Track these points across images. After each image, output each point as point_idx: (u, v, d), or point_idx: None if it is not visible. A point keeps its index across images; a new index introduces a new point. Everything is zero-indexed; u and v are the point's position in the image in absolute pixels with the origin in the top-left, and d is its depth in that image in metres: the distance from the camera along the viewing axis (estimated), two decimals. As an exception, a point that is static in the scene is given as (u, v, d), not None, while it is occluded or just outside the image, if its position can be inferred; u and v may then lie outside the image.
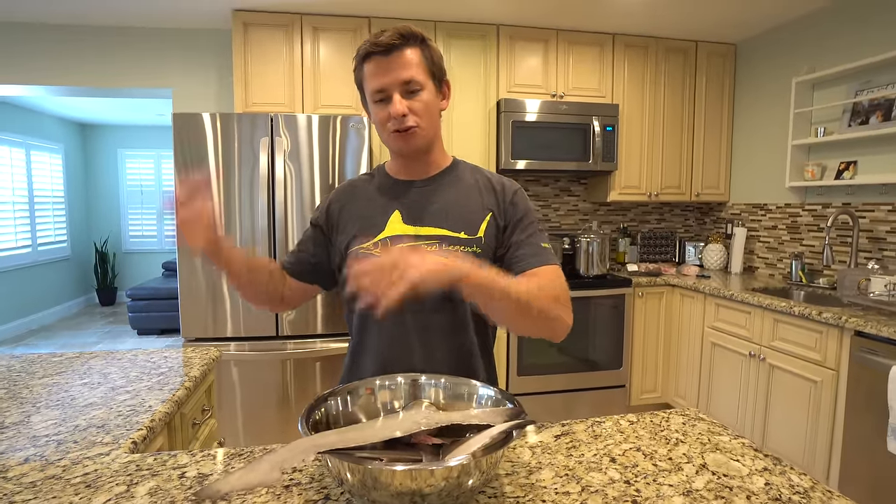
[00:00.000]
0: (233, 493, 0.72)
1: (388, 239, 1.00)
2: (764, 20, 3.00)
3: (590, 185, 3.54)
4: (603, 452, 0.85)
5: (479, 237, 1.00)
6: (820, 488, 0.74)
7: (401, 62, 0.93)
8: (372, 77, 0.95)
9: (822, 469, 2.11)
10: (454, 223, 1.00)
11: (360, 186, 1.09)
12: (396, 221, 1.01)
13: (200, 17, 2.96)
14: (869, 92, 2.53)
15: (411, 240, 0.99)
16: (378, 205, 1.04)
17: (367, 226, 1.02)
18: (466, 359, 1.03)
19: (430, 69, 0.97)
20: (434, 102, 0.98)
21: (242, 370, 2.45)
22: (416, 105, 0.95)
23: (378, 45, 0.93)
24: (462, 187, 1.05)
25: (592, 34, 3.17)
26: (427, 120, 0.97)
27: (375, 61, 0.94)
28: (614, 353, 3.01)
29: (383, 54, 0.93)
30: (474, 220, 1.01)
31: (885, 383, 1.81)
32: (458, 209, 1.02)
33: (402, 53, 0.93)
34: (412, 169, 1.05)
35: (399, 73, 0.93)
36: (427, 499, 0.62)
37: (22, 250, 5.38)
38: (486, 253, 1.01)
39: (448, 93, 1.04)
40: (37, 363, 1.36)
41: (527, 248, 1.00)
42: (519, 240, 1.01)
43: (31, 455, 0.85)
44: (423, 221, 1.01)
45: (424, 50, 0.97)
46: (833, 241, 2.73)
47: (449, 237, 0.99)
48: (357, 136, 2.49)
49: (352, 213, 1.06)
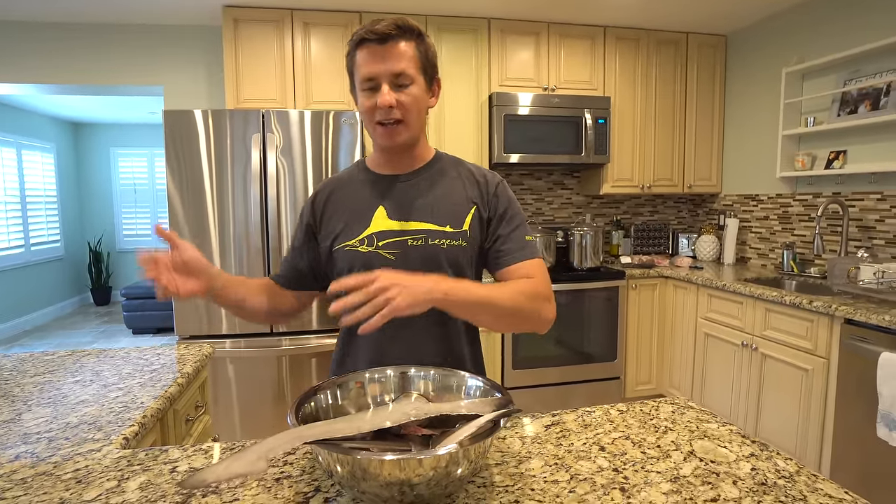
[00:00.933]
0: (219, 483, 0.73)
1: (374, 235, 1.00)
2: (754, 11, 3.01)
3: (583, 178, 3.55)
4: (592, 441, 0.86)
5: (464, 230, 1.01)
6: (805, 472, 0.76)
7: (394, 53, 0.93)
8: (363, 64, 0.94)
9: (814, 456, 2.13)
10: (439, 217, 1.01)
11: (343, 182, 1.09)
12: (381, 217, 1.01)
13: (190, 14, 2.94)
14: (857, 81, 2.54)
15: (397, 235, 0.99)
16: (362, 200, 1.04)
17: (352, 222, 1.02)
18: (456, 348, 1.04)
19: (422, 64, 0.96)
20: (423, 98, 0.98)
21: (238, 367, 2.45)
22: (404, 98, 0.94)
23: (374, 33, 0.92)
24: (446, 181, 1.05)
25: (584, 27, 3.16)
26: (413, 115, 0.97)
27: (369, 49, 0.93)
28: (608, 346, 3.03)
29: (378, 42, 0.92)
30: (459, 213, 1.02)
31: (874, 370, 1.83)
32: (443, 203, 1.02)
33: (396, 44, 0.93)
34: (395, 163, 1.05)
35: (391, 63, 0.92)
36: (416, 488, 0.62)
37: (15, 250, 5.35)
38: (472, 246, 1.02)
39: (438, 91, 1.03)
40: (28, 362, 1.36)
41: (511, 242, 1.02)
42: (503, 233, 1.03)
43: (21, 452, 0.85)
44: (408, 216, 1.01)
45: (420, 45, 0.96)
46: (823, 230, 2.74)
47: (434, 231, 1.00)
48: (350, 131, 2.49)
49: (336, 209, 1.05)
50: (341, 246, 1.01)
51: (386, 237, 1.00)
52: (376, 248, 0.99)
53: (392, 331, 0.98)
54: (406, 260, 0.98)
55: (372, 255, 0.99)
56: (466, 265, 1.03)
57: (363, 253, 0.99)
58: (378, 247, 0.99)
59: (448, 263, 1.00)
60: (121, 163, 6.74)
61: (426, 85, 0.98)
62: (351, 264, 1.00)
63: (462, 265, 1.02)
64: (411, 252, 0.99)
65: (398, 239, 0.99)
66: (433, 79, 1.01)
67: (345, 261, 1.01)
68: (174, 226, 2.37)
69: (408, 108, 0.95)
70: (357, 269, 0.99)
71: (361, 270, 0.97)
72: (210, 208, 2.39)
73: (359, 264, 0.99)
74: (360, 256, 1.00)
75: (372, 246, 0.99)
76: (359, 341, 1.02)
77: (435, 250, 0.99)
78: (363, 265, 0.98)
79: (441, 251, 0.99)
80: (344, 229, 1.02)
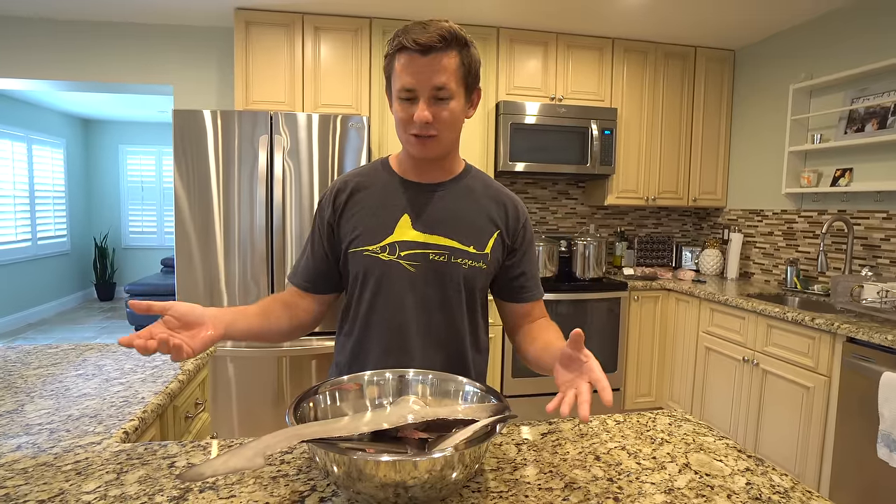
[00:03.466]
0: (217, 477, 0.73)
1: (397, 244, 0.98)
2: (763, 27, 3.02)
3: (587, 189, 3.56)
4: (588, 451, 0.86)
5: (485, 253, 1.01)
6: (800, 489, 0.76)
7: (436, 66, 0.88)
8: (403, 73, 0.89)
9: (814, 474, 2.12)
10: (464, 236, 1.00)
11: (365, 180, 1.03)
12: (406, 226, 0.98)
13: (203, 15, 2.98)
14: (865, 100, 2.54)
15: (420, 247, 0.98)
16: (386, 205, 1.00)
17: (374, 226, 0.99)
18: (461, 355, 1.05)
19: (464, 77, 0.92)
20: (461, 112, 0.94)
21: (238, 366, 2.46)
22: (442, 113, 0.90)
23: (417, 44, 0.86)
24: (472, 199, 1.03)
25: (592, 38, 3.18)
26: (450, 130, 0.94)
27: (410, 58, 0.88)
28: (609, 357, 3.02)
29: (420, 53, 0.87)
30: (483, 234, 1.01)
31: (875, 389, 1.82)
32: (468, 221, 1.01)
33: (439, 57, 0.87)
34: (424, 172, 1.02)
35: (432, 77, 0.88)
36: (411, 490, 0.63)
37: (22, 244, 5.39)
38: (491, 269, 1.03)
39: (477, 101, 0.99)
40: (32, 354, 1.38)
41: (531, 279, 1.08)
42: (526, 269, 1.07)
43: (23, 443, 0.86)
44: (432, 229, 0.99)
45: (464, 56, 0.91)
46: (828, 247, 2.74)
47: (458, 250, 0.99)
48: (357, 136, 2.51)
49: (358, 209, 1.01)
50: (360, 249, 0.99)
51: (408, 248, 0.98)
52: (398, 257, 0.97)
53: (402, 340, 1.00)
54: (425, 274, 0.98)
55: (392, 265, 0.97)
56: (480, 288, 1.04)
57: (384, 261, 0.97)
58: (399, 256, 0.97)
59: (464, 284, 1.00)
60: (129, 160, 6.80)
61: (465, 97, 0.94)
62: (368, 270, 0.98)
63: (476, 288, 1.02)
64: (431, 266, 0.98)
65: (420, 251, 0.98)
66: (474, 89, 0.96)
67: (362, 265, 0.99)
68: (180, 225, 2.39)
69: (445, 123, 0.92)
70: (375, 275, 0.98)
71: (379, 278, 0.98)
72: (216, 208, 2.41)
73: (378, 272, 0.98)
74: (379, 264, 0.98)
75: (393, 255, 0.97)
76: (370, 345, 1.01)
77: (456, 269, 0.98)
78: (382, 273, 0.97)
79: (462, 271, 0.99)
80: (364, 232, 0.99)
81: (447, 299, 1.00)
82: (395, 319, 0.99)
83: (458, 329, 1.02)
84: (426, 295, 0.99)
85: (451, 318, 1.01)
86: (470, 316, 1.04)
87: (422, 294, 0.99)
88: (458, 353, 1.04)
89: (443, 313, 1.00)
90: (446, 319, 1.01)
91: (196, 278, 2.41)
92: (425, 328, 1.00)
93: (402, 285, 0.98)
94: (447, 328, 1.01)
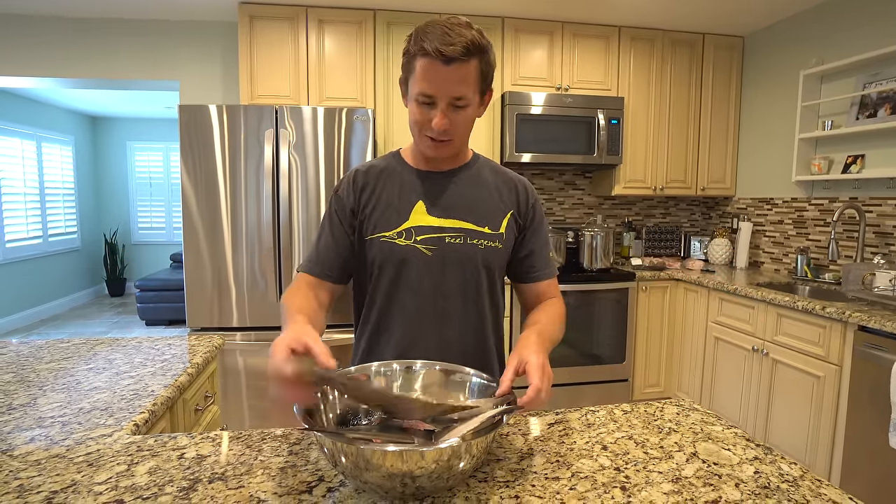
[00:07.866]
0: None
1: (413, 229, 1.00)
2: (772, 12, 2.97)
3: (595, 179, 3.53)
4: (595, 440, 0.86)
5: (500, 233, 1.03)
6: (809, 477, 0.75)
7: (457, 77, 0.89)
8: (423, 79, 0.89)
9: (825, 464, 2.11)
10: (478, 217, 1.02)
11: (379, 170, 1.05)
12: (421, 212, 1.01)
13: (207, 9, 2.98)
14: (877, 84, 2.50)
15: (435, 231, 1.00)
16: (401, 193, 1.02)
17: (390, 212, 1.01)
18: (481, 342, 1.06)
19: (481, 84, 0.94)
20: (475, 114, 0.97)
21: (248, 359, 2.48)
22: (458, 119, 0.93)
23: (441, 54, 0.86)
24: (484, 182, 1.06)
25: (598, 27, 3.15)
26: (464, 131, 0.97)
27: (432, 64, 0.88)
28: (617, 348, 3.01)
29: (443, 62, 0.87)
30: (496, 215, 1.04)
31: (887, 378, 1.81)
32: (481, 204, 1.03)
33: (461, 68, 0.88)
34: (436, 163, 1.04)
35: (452, 87, 0.89)
36: (418, 480, 0.63)
37: (33, 241, 5.45)
38: (506, 250, 1.04)
39: (489, 100, 1.00)
40: (44, 349, 1.39)
41: (542, 258, 1.08)
42: (535, 248, 1.07)
43: (36, 435, 0.88)
44: (447, 213, 1.01)
45: (483, 63, 0.92)
46: (839, 235, 2.71)
47: (473, 231, 1.01)
48: (362, 128, 2.50)
49: (373, 197, 1.02)
50: (377, 236, 1.00)
51: (424, 232, 1.00)
52: (414, 241, 1.00)
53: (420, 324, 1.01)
54: (443, 257, 0.99)
55: (409, 249, 0.99)
56: (498, 268, 1.05)
57: (400, 246, 0.99)
58: (416, 241, 1.00)
59: (483, 264, 1.01)
60: (137, 156, 6.84)
61: (480, 100, 0.96)
62: (386, 256, 1.00)
63: (494, 268, 1.04)
64: (448, 249, 1.00)
65: (436, 235, 1.00)
66: (487, 91, 0.98)
67: (380, 251, 1.00)
68: (188, 220, 2.40)
69: (460, 127, 0.95)
70: (393, 261, 0.99)
71: (397, 264, 0.99)
72: (223, 202, 2.42)
73: (395, 257, 0.99)
74: (397, 249, 0.99)
75: (410, 239, 1.00)
76: (390, 330, 1.03)
77: (472, 250, 1.00)
78: (400, 258, 0.99)
79: (479, 251, 1.01)
80: (381, 219, 1.01)
81: (465, 283, 1.01)
82: (412, 304, 1.00)
83: (479, 312, 1.04)
84: (444, 279, 1.00)
85: (471, 301, 1.02)
86: (491, 299, 1.05)
87: (440, 278, 1.00)
88: (479, 337, 1.05)
89: (462, 297, 1.01)
90: (465, 303, 1.02)
91: (204, 272, 2.43)
92: (443, 312, 1.01)
93: (419, 270, 1.00)
94: (466, 312, 1.02)
